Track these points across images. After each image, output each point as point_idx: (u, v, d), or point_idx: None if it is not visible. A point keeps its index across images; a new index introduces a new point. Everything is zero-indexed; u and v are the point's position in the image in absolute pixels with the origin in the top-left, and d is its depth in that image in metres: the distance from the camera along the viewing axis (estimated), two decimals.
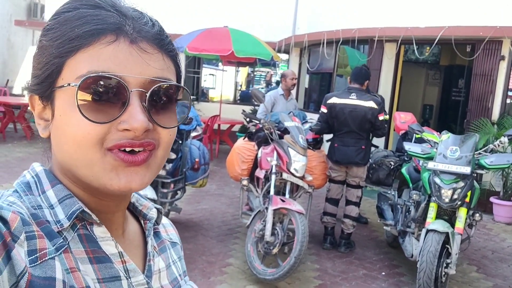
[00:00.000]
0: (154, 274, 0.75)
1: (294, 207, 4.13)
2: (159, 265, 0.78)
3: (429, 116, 12.42)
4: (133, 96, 0.62)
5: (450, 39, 7.11)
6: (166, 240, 0.85)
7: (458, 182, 4.01)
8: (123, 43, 0.63)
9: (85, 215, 0.66)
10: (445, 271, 3.93)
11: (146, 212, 0.80)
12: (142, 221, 0.81)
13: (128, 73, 0.62)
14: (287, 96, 6.53)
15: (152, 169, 0.67)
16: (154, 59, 0.66)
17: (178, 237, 0.90)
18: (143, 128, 0.62)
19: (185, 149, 5.09)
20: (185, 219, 5.76)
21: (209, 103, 12.47)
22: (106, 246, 0.67)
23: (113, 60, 0.62)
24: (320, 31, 9.24)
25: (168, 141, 0.68)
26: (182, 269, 0.85)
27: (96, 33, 0.62)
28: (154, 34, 0.67)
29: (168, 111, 0.68)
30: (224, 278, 4.23)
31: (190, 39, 9.33)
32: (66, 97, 0.63)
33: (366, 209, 6.80)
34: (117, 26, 0.63)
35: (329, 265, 4.78)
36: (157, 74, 0.65)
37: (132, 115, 0.62)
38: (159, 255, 0.80)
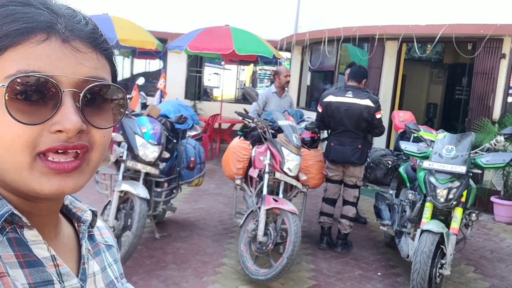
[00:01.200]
0: (88, 277, 0.73)
1: (287, 207, 4.10)
2: (93, 268, 0.76)
3: (433, 115, 12.33)
4: (65, 96, 0.60)
5: (451, 37, 7.04)
6: (101, 243, 0.82)
7: (453, 182, 3.96)
8: (55, 42, 0.61)
9: (14, 218, 0.63)
10: (440, 271, 3.88)
11: (80, 214, 0.78)
12: (76, 224, 0.78)
13: (60, 73, 0.60)
14: (281, 93, 6.44)
15: (85, 173, 0.65)
16: (88, 58, 0.64)
17: (114, 239, 0.88)
18: (76, 129, 0.60)
19: (181, 148, 5.08)
20: (182, 218, 5.75)
21: (211, 102, 12.44)
22: (37, 249, 0.65)
23: (44, 59, 0.60)
24: (321, 29, 9.19)
25: (103, 143, 0.66)
26: (118, 272, 0.83)
27: (26, 31, 0.60)
28: (88, 32, 0.65)
29: (103, 111, 0.66)
30: (217, 278, 4.20)
31: (191, 38, 9.33)
32: None
33: (366, 209, 6.75)
34: (48, 25, 0.61)
35: (325, 265, 4.74)
36: (90, 73, 0.63)
37: (65, 115, 0.60)
38: (94, 258, 0.77)
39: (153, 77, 12.59)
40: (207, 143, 9.34)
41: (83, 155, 0.63)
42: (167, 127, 4.92)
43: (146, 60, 13.22)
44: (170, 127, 5.05)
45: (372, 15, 8.35)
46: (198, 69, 12.64)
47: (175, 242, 4.95)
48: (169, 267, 4.33)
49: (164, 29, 11.39)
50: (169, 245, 4.85)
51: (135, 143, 4.37)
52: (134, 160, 4.40)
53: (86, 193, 6.35)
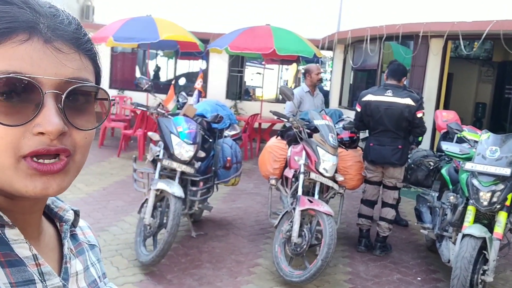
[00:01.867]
0: (71, 276, 0.73)
1: (322, 208, 4.02)
2: (76, 268, 0.75)
3: (481, 115, 11.89)
4: (47, 98, 0.60)
5: (499, 34, 6.74)
6: (84, 243, 0.82)
7: (497, 184, 3.78)
8: (37, 42, 0.60)
9: None
10: (482, 278, 3.70)
11: (62, 214, 0.78)
12: (58, 224, 0.78)
13: (42, 74, 0.59)
14: (313, 92, 6.32)
15: (70, 174, 0.65)
16: (70, 59, 0.63)
17: (96, 239, 0.87)
18: (58, 131, 0.59)
19: (217, 148, 5.08)
20: (219, 218, 5.76)
21: (252, 102, 12.45)
22: (19, 249, 0.64)
23: (26, 60, 0.59)
24: (364, 27, 9.02)
25: (85, 144, 0.65)
26: (101, 271, 0.83)
27: (7, 31, 0.59)
28: (70, 32, 0.64)
29: (86, 113, 0.65)
30: (251, 278, 4.18)
31: (232, 37, 9.36)
32: None
33: (408, 211, 6.57)
34: (30, 25, 0.60)
35: (362, 268, 4.63)
36: (73, 74, 0.62)
37: (47, 117, 0.59)
38: (76, 257, 0.77)
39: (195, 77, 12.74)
40: (247, 142, 9.34)
41: (67, 158, 0.63)
42: (203, 126, 4.94)
43: (188, 61, 13.39)
44: (207, 126, 5.07)
45: (416, 12, 8.13)
46: (239, 68, 12.68)
47: (211, 241, 4.96)
48: (204, 266, 4.34)
49: (206, 29, 11.49)
50: (205, 244, 4.87)
51: (171, 142, 4.40)
52: (170, 159, 4.44)
53: (127, 191, 6.47)
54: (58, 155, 0.61)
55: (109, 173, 7.43)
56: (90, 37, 0.69)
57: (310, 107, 5.93)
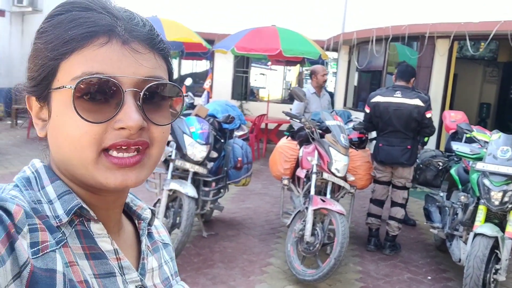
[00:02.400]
0: (147, 272, 0.77)
1: (335, 207, 4.06)
2: (152, 264, 0.80)
3: (486, 115, 11.92)
4: (127, 95, 0.64)
5: (507, 34, 6.77)
6: (159, 241, 0.86)
7: (509, 184, 3.82)
8: (116, 44, 0.65)
9: (83, 211, 0.67)
10: (494, 277, 3.74)
11: (141, 212, 0.82)
12: (136, 221, 0.82)
13: (121, 74, 0.64)
14: (319, 92, 6.36)
15: (147, 168, 0.68)
16: (146, 58, 0.67)
17: (169, 238, 0.92)
18: (138, 126, 0.63)
19: (228, 148, 5.12)
20: (229, 218, 5.80)
21: (257, 103, 12.49)
22: (102, 242, 0.69)
23: (107, 61, 0.63)
24: (369, 28, 9.05)
25: (162, 139, 0.70)
26: (173, 270, 0.87)
27: (89, 35, 0.64)
28: (145, 34, 0.68)
29: (162, 109, 0.69)
30: (264, 277, 4.21)
31: (238, 38, 9.38)
32: (62, 98, 0.64)
33: (415, 211, 6.60)
34: (109, 28, 0.65)
35: (372, 267, 4.67)
36: (149, 73, 0.67)
37: (127, 114, 0.63)
38: (152, 254, 0.81)
39: (200, 77, 12.77)
40: (254, 143, 9.37)
41: (144, 151, 0.67)
42: (214, 127, 4.98)
43: (193, 61, 13.43)
44: (218, 127, 5.10)
45: (422, 12, 8.15)
46: (244, 69, 12.73)
47: (222, 241, 5.00)
48: (216, 266, 4.37)
49: (211, 30, 11.53)
50: (217, 243, 4.91)
51: (184, 143, 4.44)
52: (182, 159, 4.48)
53: (136, 191, 6.48)
54: (138, 149, 0.66)
55: None
56: None
57: (316, 108, 5.97)
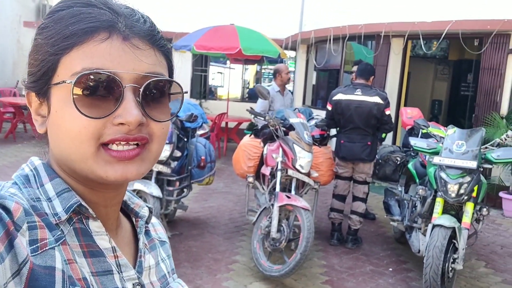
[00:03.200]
0: (144, 270, 0.77)
1: (300, 203, 4.13)
2: (149, 262, 0.80)
3: (438, 112, 12.33)
4: (127, 91, 0.64)
5: (458, 33, 7.05)
6: (156, 239, 0.86)
7: (464, 177, 3.98)
8: (116, 40, 0.65)
9: (82, 209, 0.67)
10: (452, 266, 3.90)
11: (138, 210, 0.82)
12: (134, 219, 0.82)
13: (121, 69, 0.64)
14: (283, 91, 6.45)
15: (146, 162, 0.68)
16: (146, 54, 0.67)
17: (166, 236, 0.92)
18: (137, 122, 0.63)
19: (191, 147, 5.10)
20: (192, 217, 5.78)
21: (217, 101, 12.48)
22: (100, 240, 0.69)
23: (107, 57, 0.64)
24: (326, 27, 9.20)
25: (161, 135, 0.70)
26: (170, 267, 0.87)
27: (90, 31, 0.64)
28: (146, 30, 0.69)
29: (161, 105, 0.69)
30: (230, 275, 4.24)
31: (197, 37, 9.32)
32: (62, 93, 0.64)
33: (374, 205, 6.78)
34: (110, 24, 0.65)
35: (336, 261, 4.77)
36: (149, 69, 0.67)
37: (127, 109, 0.63)
38: (150, 252, 0.81)
39: None
40: (215, 142, 9.37)
41: (143, 145, 0.67)
42: (177, 125, 4.95)
43: None
44: (180, 125, 5.08)
45: (377, 12, 8.37)
46: (203, 68, 12.68)
47: (187, 240, 4.99)
48: (182, 265, 4.36)
49: (168, 28, 11.41)
50: (181, 243, 4.89)
51: None
52: None
53: None
54: (137, 144, 0.66)
55: None
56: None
57: (280, 106, 6.04)
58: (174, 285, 0.84)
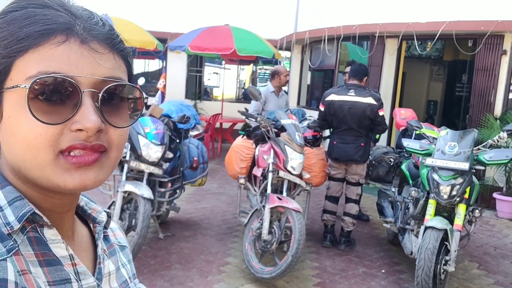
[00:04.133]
0: (104, 276, 0.75)
1: (291, 205, 4.11)
2: (109, 268, 0.77)
3: (433, 112, 12.33)
4: (85, 96, 0.62)
5: (452, 34, 7.05)
6: (115, 244, 0.84)
7: (456, 178, 3.97)
8: (74, 43, 0.62)
9: (35, 217, 0.64)
10: (444, 268, 3.89)
11: (96, 215, 0.80)
12: (91, 225, 0.80)
13: (79, 74, 0.61)
14: (278, 92, 6.44)
15: (105, 168, 0.66)
16: (105, 58, 0.65)
17: (126, 240, 0.89)
18: (95, 128, 0.61)
19: (183, 148, 5.08)
20: (185, 218, 5.75)
21: (212, 102, 12.45)
22: (56, 248, 0.66)
23: (64, 60, 0.61)
24: (321, 28, 9.19)
25: (120, 141, 0.67)
26: (131, 272, 0.85)
27: (46, 33, 0.61)
28: (105, 33, 0.66)
29: (120, 111, 0.67)
30: (222, 277, 4.21)
31: (191, 37, 9.31)
32: (16, 98, 0.61)
33: (368, 207, 6.76)
34: (67, 26, 0.62)
35: (329, 263, 4.75)
36: (108, 73, 0.64)
37: (85, 115, 0.61)
38: (109, 258, 0.79)
39: (153, 77, 12.61)
40: (209, 142, 9.34)
41: (101, 152, 0.65)
42: (169, 127, 4.92)
43: (145, 60, 13.23)
44: (173, 127, 5.05)
45: (372, 13, 8.36)
46: (198, 68, 12.64)
47: (179, 242, 4.96)
48: (173, 267, 4.33)
49: (164, 29, 11.39)
50: (173, 245, 4.86)
51: (138, 143, 4.37)
52: (137, 161, 4.41)
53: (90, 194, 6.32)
54: (93, 151, 0.63)
55: None
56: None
57: (274, 107, 6.02)
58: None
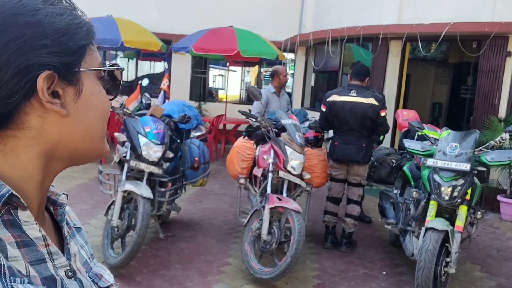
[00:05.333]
0: (72, 256, 0.77)
1: (291, 205, 4.09)
2: (74, 249, 0.79)
3: (438, 114, 12.28)
4: None
5: (456, 36, 7.01)
6: (72, 227, 0.85)
7: (458, 180, 3.94)
8: None
9: (12, 199, 0.65)
10: (445, 270, 3.85)
11: (55, 198, 0.81)
12: (52, 208, 0.81)
13: None
14: (279, 92, 6.42)
15: None
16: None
17: (80, 222, 0.91)
18: None
19: (185, 148, 5.08)
20: (187, 219, 5.75)
21: (216, 103, 12.45)
22: (30, 230, 0.67)
23: None
24: (325, 29, 9.17)
25: None
26: (89, 253, 0.87)
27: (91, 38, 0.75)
28: None
29: None
30: (221, 277, 4.20)
31: (195, 39, 9.32)
32: (93, 78, 0.73)
33: (371, 208, 6.73)
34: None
35: (329, 264, 4.73)
36: None
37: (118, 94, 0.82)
38: (72, 239, 0.81)
39: (158, 78, 12.61)
40: (212, 143, 9.34)
41: None
42: (170, 126, 4.92)
43: (150, 62, 13.26)
44: (174, 127, 5.05)
45: (375, 14, 8.33)
46: (202, 70, 12.65)
47: (179, 242, 4.95)
48: (173, 267, 4.33)
49: (168, 30, 11.41)
50: (174, 245, 4.86)
51: (138, 143, 4.37)
52: (137, 160, 4.41)
53: (91, 194, 6.37)
54: None
55: (70, 176, 7.28)
56: None
57: (276, 107, 6.00)
58: (96, 270, 0.85)
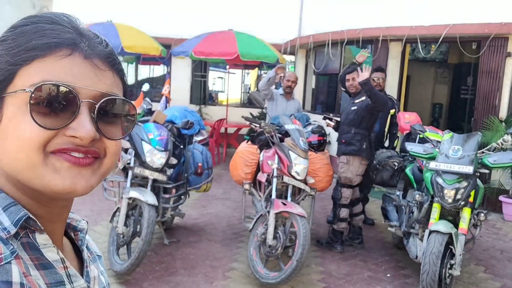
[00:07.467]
0: (91, 280, 0.78)
1: (296, 210, 4.11)
2: (94, 273, 0.81)
3: (438, 115, 12.31)
4: (83, 106, 0.65)
5: (456, 37, 7.04)
6: (93, 252, 0.88)
7: (461, 182, 3.96)
8: (78, 58, 0.66)
9: (29, 222, 0.67)
10: (449, 272, 3.87)
11: (76, 224, 0.83)
12: (73, 234, 0.83)
13: (80, 85, 0.65)
14: (288, 97, 6.44)
15: (97, 174, 0.69)
16: (106, 75, 0.69)
17: (99, 251, 0.93)
18: (90, 137, 0.65)
19: (188, 154, 5.10)
20: (191, 224, 5.77)
21: (216, 107, 12.47)
22: (48, 253, 0.69)
23: (67, 72, 0.65)
24: (325, 32, 9.20)
25: (115, 151, 0.71)
26: (107, 281, 0.88)
27: (53, 45, 0.65)
28: (107, 53, 0.71)
29: (115, 124, 0.71)
30: (227, 282, 4.22)
31: (195, 43, 9.36)
32: (17, 102, 0.64)
33: (373, 210, 6.75)
34: (73, 41, 0.67)
35: (334, 267, 4.74)
36: (107, 89, 0.69)
37: (81, 123, 0.65)
38: (92, 263, 0.83)
39: (158, 83, 12.66)
40: (214, 148, 9.36)
41: (95, 158, 0.68)
42: (173, 133, 4.95)
43: (150, 66, 13.28)
44: (177, 132, 5.07)
45: (375, 16, 8.36)
46: (202, 73, 12.68)
47: (184, 247, 4.97)
48: (179, 273, 4.35)
49: (168, 34, 11.43)
50: (179, 250, 4.87)
51: (142, 150, 4.39)
52: (141, 167, 4.43)
53: (94, 200, 6.39)
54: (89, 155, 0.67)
55: None
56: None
57: (280, 110, 6.04)
58: None
